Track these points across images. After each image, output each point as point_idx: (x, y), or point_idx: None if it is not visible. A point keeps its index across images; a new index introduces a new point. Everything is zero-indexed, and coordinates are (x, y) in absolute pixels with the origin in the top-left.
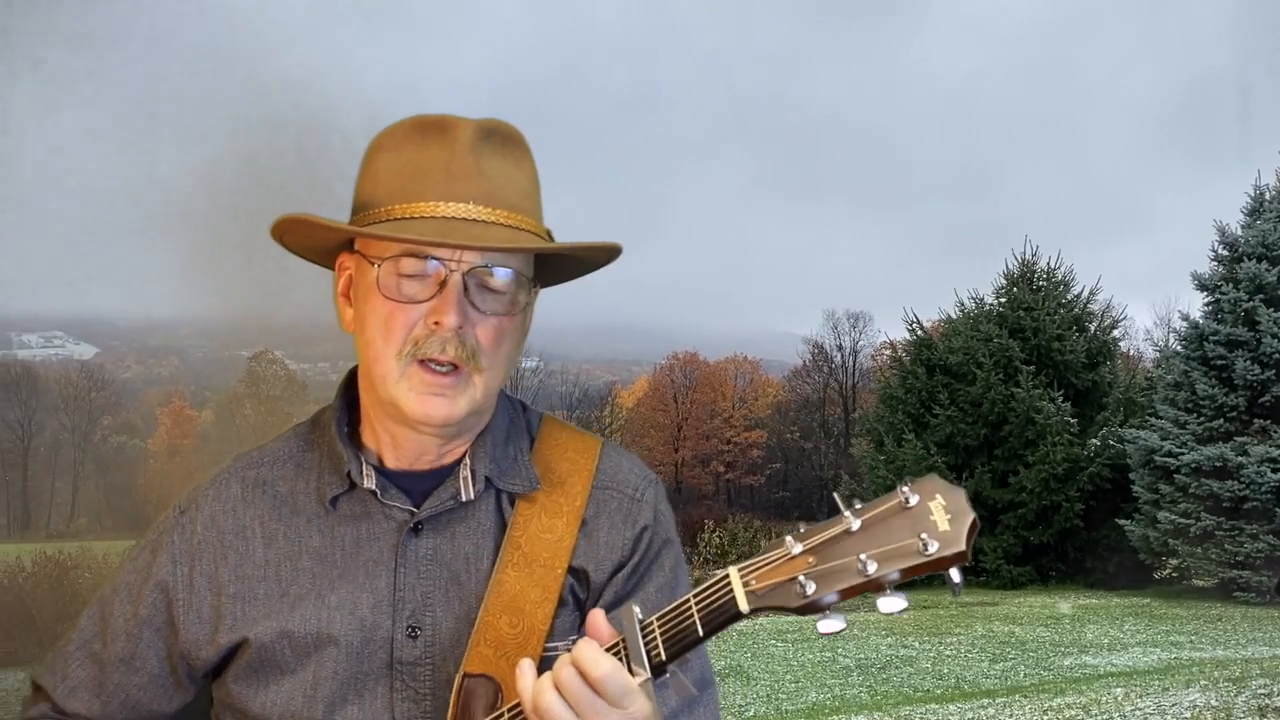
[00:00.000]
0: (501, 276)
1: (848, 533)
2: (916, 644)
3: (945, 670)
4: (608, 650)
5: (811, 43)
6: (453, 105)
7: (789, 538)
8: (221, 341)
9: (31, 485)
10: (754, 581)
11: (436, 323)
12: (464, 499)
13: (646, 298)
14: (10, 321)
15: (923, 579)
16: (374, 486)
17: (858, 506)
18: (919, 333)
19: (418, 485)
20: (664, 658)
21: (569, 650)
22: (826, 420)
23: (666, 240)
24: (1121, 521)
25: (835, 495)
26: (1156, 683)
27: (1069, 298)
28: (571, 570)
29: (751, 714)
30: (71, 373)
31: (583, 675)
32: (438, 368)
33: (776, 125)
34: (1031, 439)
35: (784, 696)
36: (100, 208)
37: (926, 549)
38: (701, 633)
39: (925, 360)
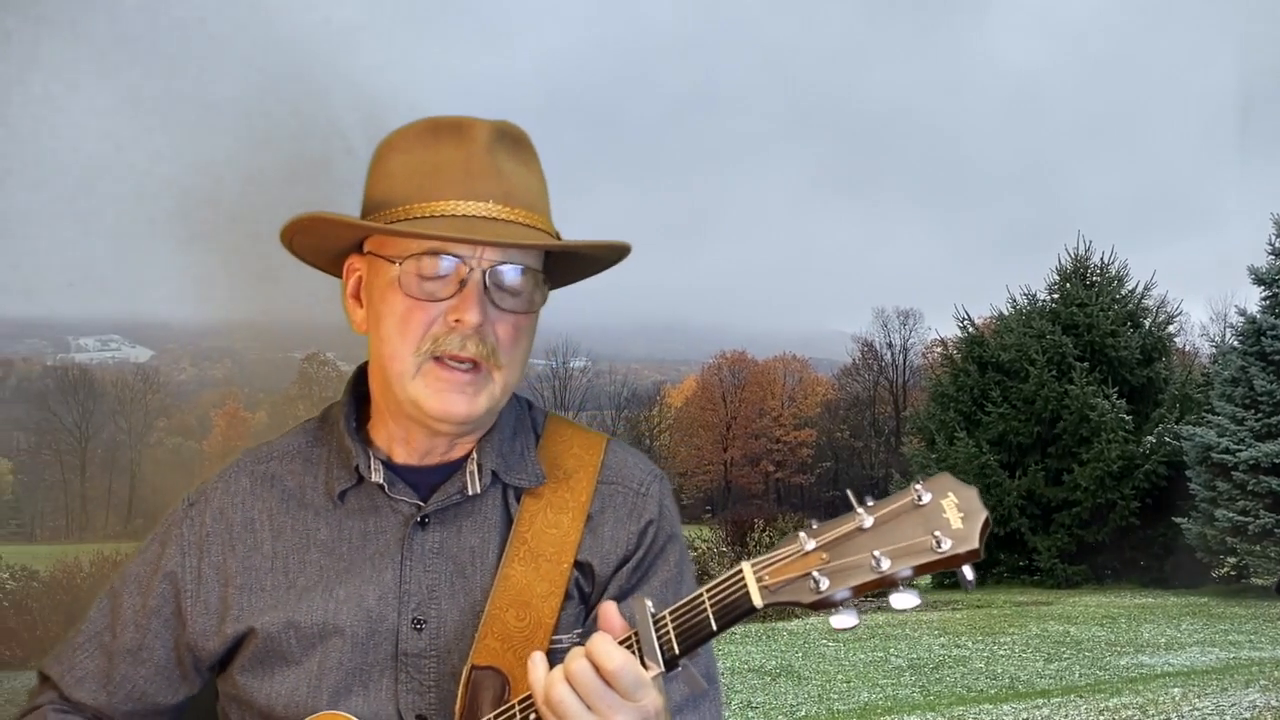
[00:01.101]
0: (520, 275)
1: (860, 530)
2: (970, 644)
3: (999, 670)
4: (620, 643)
5: (872, 38)
6: (506, 106)
7: (802, 534)
8: (274, 344)
9: (89, 487)
10: (767, 577)
11: (458, 320)
12: (471, 493)
13: (695, 297)
14: (67, 325)
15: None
16: (382, 481)
17: (870, 504)
18: (970, 330)
19: (425, 480)
20: (676, 651)
21: (576, 642)
22: (877, 419)
23: (720, 240)
24: (1178, 519)
25: (848, 492)
26: (1215, 683)
27: (1123, 293)
28: (577, 564)
29: (803, 714)
30: (128, 375)
31: (597, 668)
32: (456, 365)
33: (836, 122)
34: (1085, 436)
35: (835, 696)
36: (153, 211)
37: (940, 546)
38: (715, 627)
39: (977, 357)
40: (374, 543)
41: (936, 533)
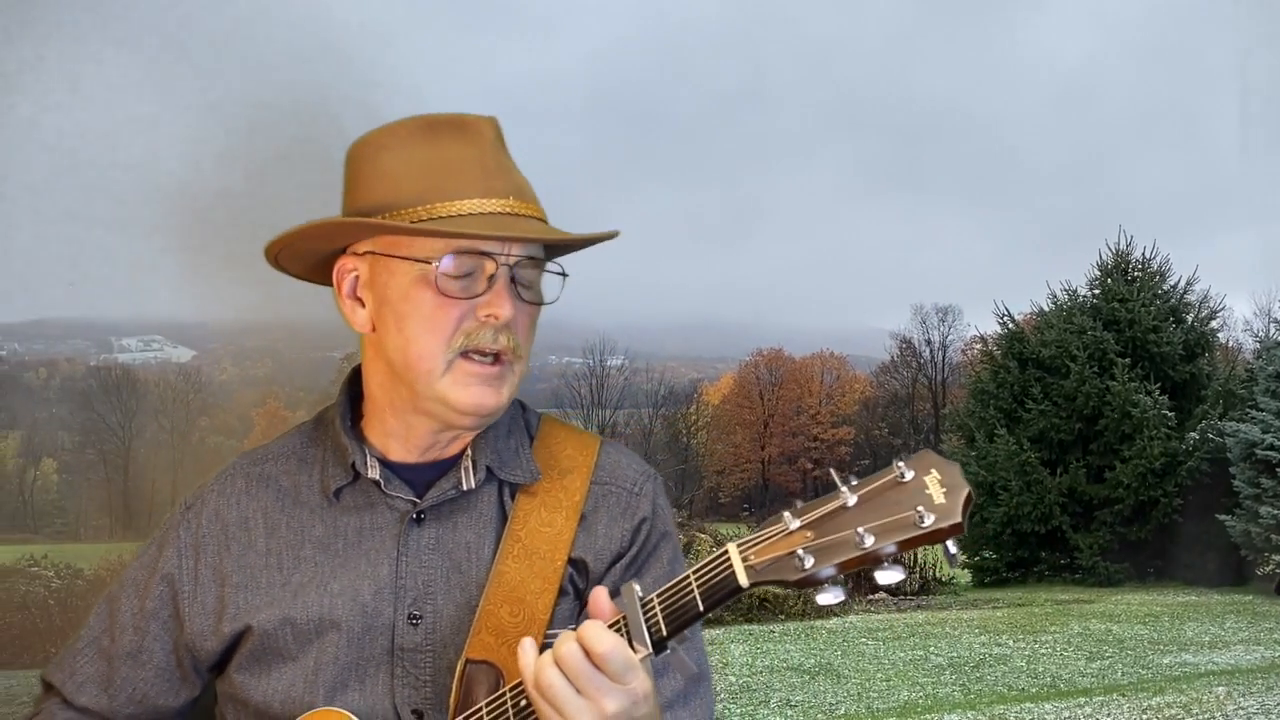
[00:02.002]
0: (541, 269)
1: (844, 508)
2: (1011, 642)
3: (1040, 669)
4: (609, 627)
5: (919, 33)
6: (549, 104)
7: (786, 513)
8: (313, 343)
9: (132, 486)
10: (752, 556)
11: (490, 315)
12: (465, 488)
13: (732, 294)
14: (110, 326)
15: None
16: (378, 476)
17: (854, 482)
18: (1010, 326)
19: (420, 477)
20: (665, 633)
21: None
22: (915, 416)
23: (759, 237)
24: (1221, 517)
25: (831, 471)
26: (1260, 682)
27: (1165, 288)
28: (571, 561)
29: (842, 712)
30: (170, 375)
31: (586, 651)
32: (481, 358)
33: (882, 118)
34: (1128, 433)
35: (875, 695)
36: (193, 212)
37: (923, 521)
38: (701, 607)
39: (1017, 354)
40: (370, 539)
41: (919, 508)
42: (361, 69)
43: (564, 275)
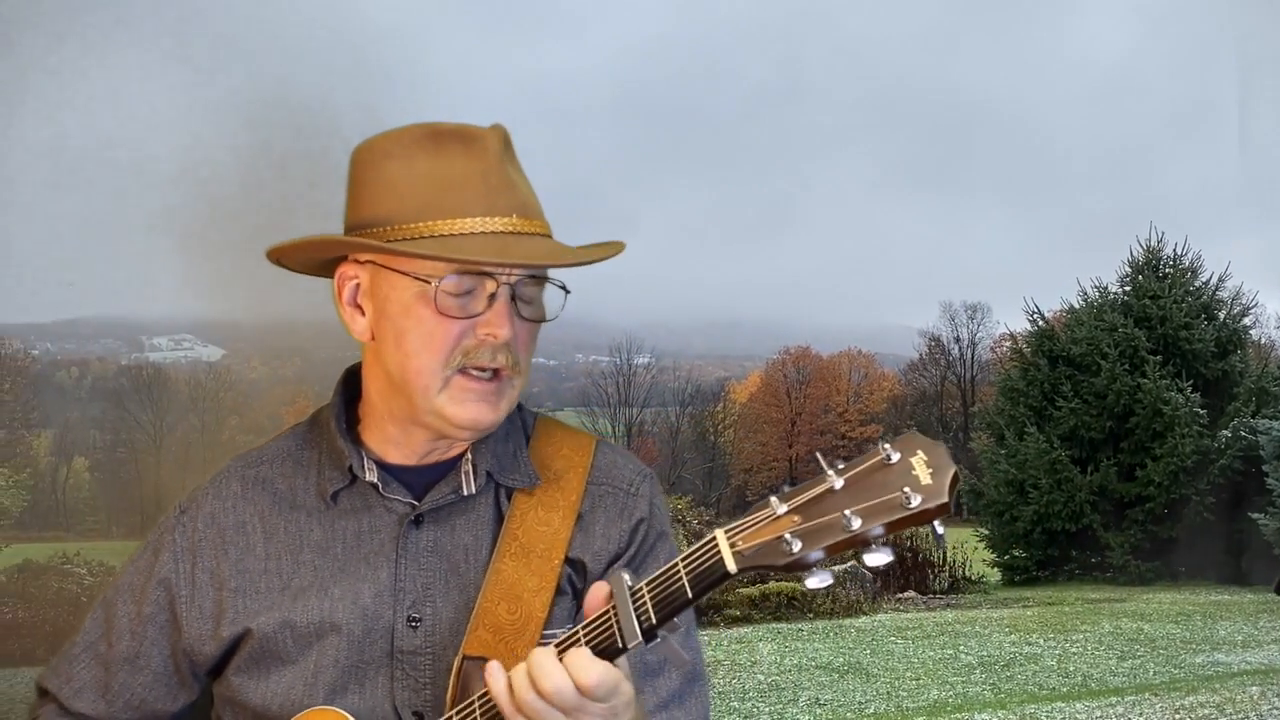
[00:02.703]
0: (544, 285)
1: (831, 491)
2: (1041, 641)
3: (1071, 668)
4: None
5: (955, 27)
6: (578, 99)
7: (773, 499)
8: (341, 341)
9: (164, 484)
10: (740, 542)
11: (490, 335)
12: (466, 493)
13: (759, 292)
14: (142, 325)
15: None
16: (375, 480)
17: (840, 466)
18: (1040, 323)
19: (418, 480)
20: (654, 621)
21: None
22: (944, 414)
23: (790, 235)
24: (1254, 515)
25: (818, 454)
26: None
27: (1196, 285)
28: (569, 561)
29: (871, 711)
30: (200, 374)
31: (576, 685)
32: (479, 374)
33: (919, 113)
34: (1159, 431)
35: (904, 694)
36: (222, 212)
37: (909, 502)
38: (690, 594)
39: (1047, 351)
40: (368, 542)
41: (906, 489)
42: (384, 66)
43: (566, 291)
